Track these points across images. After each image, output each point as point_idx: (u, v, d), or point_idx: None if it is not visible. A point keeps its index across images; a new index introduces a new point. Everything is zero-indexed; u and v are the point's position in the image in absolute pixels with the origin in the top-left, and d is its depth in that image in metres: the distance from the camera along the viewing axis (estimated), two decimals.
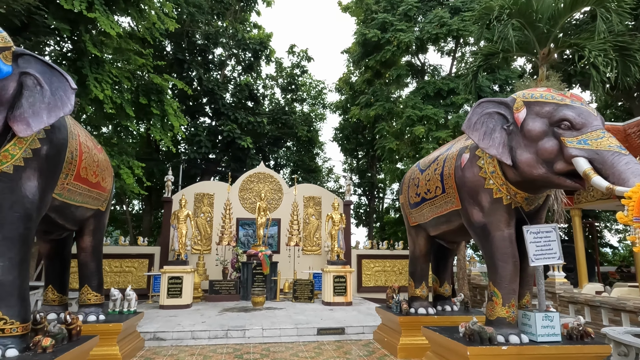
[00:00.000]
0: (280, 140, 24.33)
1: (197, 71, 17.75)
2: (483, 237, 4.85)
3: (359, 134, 24.39)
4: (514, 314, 4.60)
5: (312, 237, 16.04)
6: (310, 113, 27.61)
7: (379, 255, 16.34)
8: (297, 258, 14.23)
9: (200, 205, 15.49)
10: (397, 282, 16.26)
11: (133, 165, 10.67)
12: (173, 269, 10.75)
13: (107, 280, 14.29)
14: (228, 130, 17.73)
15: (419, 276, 6.87)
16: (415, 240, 6.87)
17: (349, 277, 11.55)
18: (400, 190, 7.29)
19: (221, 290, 12.34)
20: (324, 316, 9.25)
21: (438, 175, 5.65)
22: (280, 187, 16.24)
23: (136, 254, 14.69)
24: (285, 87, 25.65)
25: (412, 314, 6.61)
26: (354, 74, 21.63)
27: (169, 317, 8.99)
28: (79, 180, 4.82)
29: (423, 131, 12.32)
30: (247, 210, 15.73)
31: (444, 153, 5.77)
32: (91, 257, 5.93)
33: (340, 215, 12.21)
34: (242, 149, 18.68)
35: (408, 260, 16.10)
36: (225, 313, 9.66)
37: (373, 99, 15.02)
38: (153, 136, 12.40)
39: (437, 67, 16.13)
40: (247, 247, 14.77)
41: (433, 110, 12.68)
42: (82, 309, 5.86)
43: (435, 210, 5.88)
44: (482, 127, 4.68)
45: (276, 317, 9.00)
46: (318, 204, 16.39)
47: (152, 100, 10.78)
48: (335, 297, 11.28)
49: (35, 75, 3.94)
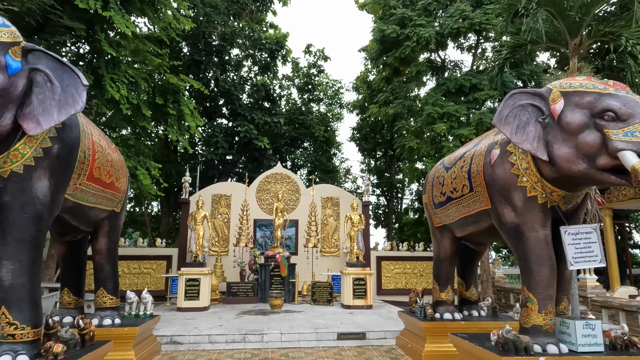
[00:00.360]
0: (297, 140, 24.18)
1: (213, 72, 17.73)
2: (516, 239, 4.54)
3: (377, 134, 24.04)
4: (551, 322, 4.27)
5: (331, 239, 15.80)
6: (327, 113, 27.38)
7: (399, 256, 15.99)
8: (315, 260, 14.02)
9: (218, 207, 15.43)
10: (419, 284, 15.88)
11: (150, 166, 10.64)
12: (190, 271, 10.66)
13: (125, 281, 14.36)
14: (245, 130, 17.65)
15: (444, 279, 6.55)
16: (439, 242, 6.56)
17: (368, 280, 11.27)
18: (424, 190, 6.99)
19: (239, 292, 12.21)
20: (344, 320, 9.00)
21: (465, 172, 5.35)
22: (297, 188, 16.06)
23: (154, 256, 14.72)
24: (302, 87, 25.48)
25: (437, 319, 6.30)
26: (372, 73, 21.32)
27: (186, 320, 8.88)
28: (92, 180, 4.70)
29: (444, 129, 11.94)
30: (265, 212, 15.60)
31: (471, 149, 5.45)
32: (106, 259, 5.83)
33: (359, 216, 11.94)
34: (259, 149, 18.58)
35: (430, 262, 15.68)
36: (243, 316, 9.50)
37: (392, 96, 14.68)
38: (170, 138, 12.38)
39: (458, 62, 15.67)
40: (264, 249, 14.62)
41: (454, 107, 12.28)
42: (98, 312, 5.76)
43: (462, 210, 5.57)
44: (515, 120, 4.36)
45: (295, 321, 8.79)
46: (336, 205, 16.15)
47: (169, 101, 10.74)
48: (355, 300, 11.02)
49: (46, 72, 3.82)
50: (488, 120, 11.58)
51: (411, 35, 13.38)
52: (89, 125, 4.76)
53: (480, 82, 12.59)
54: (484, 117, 11.73)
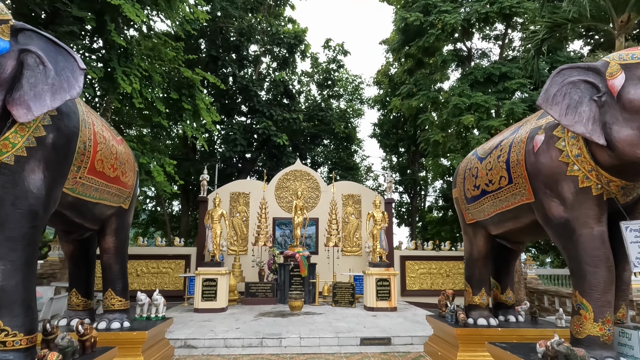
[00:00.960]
0: (317, 137, 23.78)
1: (231, 68, 17.47)
2: (565, 236, 3.98)
3: (399, 129, 23.42)
4: (609, 332, 3.71)
5: (352, 237, 15.32)
6: (347, 109, 26.88)
7: (423, 256, 15.38)
8: (336, 259, 13.58)
9: (236, 205, 15.16)
10: (445, 285, 15.24)
11: (164, 162, 10.40)
12: (207, 271, 10.38)
13: (144, 281, 14.26)
14: (263, 127, 17.34)
15: (478, 281, 5.99)
16: (472, 240, 6.00)
17: (392, 280, 10.75)
18: (454, 183, 6.44)
19: (257, 292, 11.88)
20: (367, 323, 8.52)
21: (503, 163, 4.80)
22: (317, 185, 15.64)
23: (172, 255, 14.57)
24: (321, 82, 25.06)
25: (470, 325, 5.76)
26: (393, 66, 20.71)
27: (202, 322, 8.58)
28: (94, 173, 4.39)
29: (472, 120, 11.29)
30: (284, 210, 15.24)
31: (509, 137, 4.90)
32: (115, 258, 5.53)
33: (382, 213, 11.42)
34: (278, 146, 18.25)
35: (456, 262, 15.01)
36: (261, 318, 9.14)
37: (415, 88, 14.08)
38: (187, 134, 12.16)
39: (486, 51, 14.89)
40: (284, 248, 14.27)
41: (483, 97, 11.60)
42: (106, 315, 5.47)
43: (499, 205, 5.02)
44: (565, 99, 3.81)
45: (315, 324, 8.37)
46: (357, 202, 15.66)
47: (184, 95, 10.48)
48: (379, 301, 10.52)
49: (38, 53, 3.50)
50: (520, 111, 10.88)
51: (436, 23, 12.74)
52: (90, 114, 4.45)
53: (511, 71, 11.85)
54: (515, 107, 11.01)
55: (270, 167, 18.66)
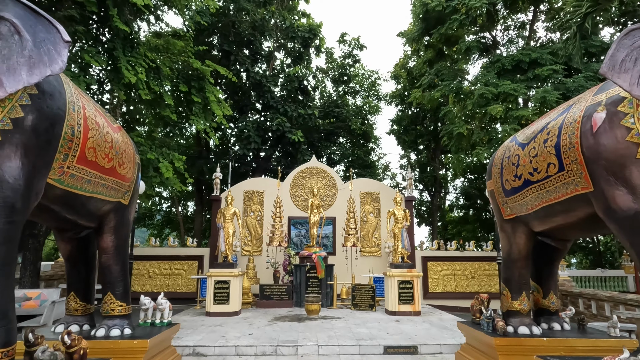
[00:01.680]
0: (333, 134, 23.22)
1: (244, 63, 17.04)
2: (634, 232, 3.34)
3: (419, 125, 22.70)
4: None
5: (371, 237, 14.72)
6: (364, 106, 26.26)
7: (447, 257, 14.69)
8: (354, 260, 12.99)
9: (250, 204, 14.73)
10: (469, 287, 14.53)
11: (174, 158, 10.00)
12: (219, 272, 9.93)
13: (156, 283, 13.95)
14: (277, 123, 16.87)
15: (517, 284, 5.34)
16: (511, 238, 5.35)
17: (416, 283, 10.12)
18: (488, 175, 5.80)
19: (272, 295, 11.40)
20: (390, 329, 7.92)
21: (551, 147, 4.17)
22: (334, 183, 15.09)
23: (185, 256, 14.23)
24: (337, 78, 24.50)
25: (510, 334, 5.11)
26: (412, 59, 20.00)
27: (213, 327, 8.12)
28: (85, 163, 3.92)
29: (501, 110, 10.57)
30: (299, 208, 14.74)
31: (558, 118, 4.26)
32: (114, 259, 5.07)
33: (403, 211, 10.80)
34: (293, 143, 17.76)
35: (482, 263, 14.21)
36: (276, 323, 8.63)
37: (437, 79, 13.39)
38: (198, 129, 11.74)
39: (513, 37, 14.04)
40: (299, 248, 13.77)
41: (511, 85, 10.86)
42: (105, 322, 5.01)
43: (547, 197, 4.38)
44: (636, 65, 3.18)
45: (334, 330, 7.82)
46: (376, 201, 15.05)
47: (193, 88, 10.06)
48: (401, 305, 9.90)
49: (12, 21, 3.04)
50: (553, 99, 10.12)
51: (459, 7, 12.05)
52: (80, 96, 3.98)
53: (542, 57, 11.07)
54: (548, 95, 10.24)
55: (285, 165, 18.19)
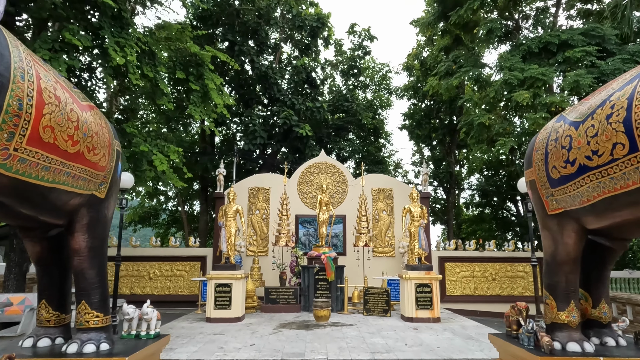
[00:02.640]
0: (343, 130, 22.45)
1: (249, 53, 16.31)
2: None
3: (433, 118, 21.79)
4: None
5: (384, 236, 13.94)
6: (374, 100, 25.42)
7: (466, 257, 13.86)
8: (367, 261, 12.23)
9: (255, 201, 14.04)
10: (490, 290, 13.68)
11: (169, 150, 9.31)
12: (220, 275, 9.24)
13: (157, 285, 13.33)
14: (284, 117, 16.14)
15: (564, 292, 4.53)
16: (557, 237, 4.54)
17: (435, 286, 9.32)
18: (527, 162, 4.98)
19: (278, 299, 10.69)
20: (409, 339, 7.15)
21: (618, 124, 3.35)
22: (344, 179, 14.33)
23: (187, 257, 13.59)
24: (347, 71, 23.68)
25: (558, 351, 4.31)
26: (425, 49, 19.12)
27: (212, 336, 7.42)
28: (40, 145, 3.21)
29: (528, 97, 9.70)
30: (307, 206, 14.01)
31: (625, 87, 3.45)
32: (89, 262, 4.35)
33: (420, 208, 10.00)
34: (300, 138, 17.02)
35: (504, 264, 13.27)
36: (281, 331, 7.91)
37: (455, 65, 12.53)
38: (199, 121, 11.06)
39: (540, 18, 13.02)
40: (308, 249, 13.05)
41: (539, 69, 9.98)
42: (79, 335, 4.30)
43: (610, 186, 3.57)
44: None
45: (345, 339, 7.06)
46: (389, 197, 14.26)
47: (191, 75, 9.36)
48: (419, 311, 9.11)
49: None
50: (587, 82, 9.22)
51: None
52: (35, 63, 3.27)
53: (572, 38, 10.16)
54: (580, 79, 9.35)
55: (293, 161, 17.48)
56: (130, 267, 13.39)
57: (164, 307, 13.29)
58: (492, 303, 13.49)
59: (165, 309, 13.06)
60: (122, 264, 13.40)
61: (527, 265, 13.87)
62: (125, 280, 13.29)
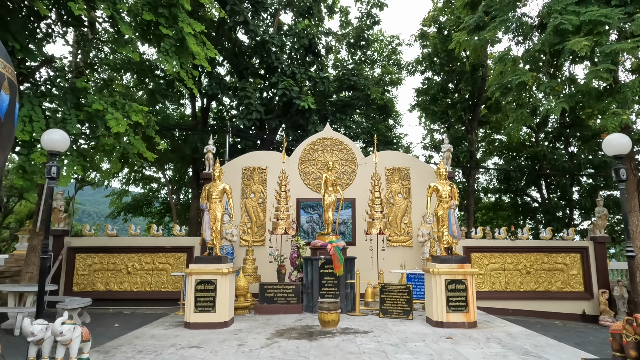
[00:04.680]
0: (349, 107, 20.60)
1: (242, 13, 14.37)
2: None
3: (450, 93, 19.87)
4: None
5: (399, 223, 12.22)
6: (383, 75, 23.49)
7: (495, 247, 12.17)
8: (381, 252, 10.51)
9: (250, 183, 12.32)
10: (524, 285, 12.03)
11: (129, 110, 7.50)
12: (202, 269, 7.55)
13: (136, 280, 11.73)
14: (283, 87, 14.31)
15: None
16: None
17: (470, 282, 7.60)
18: None
19: (276, 297, 9.03)
20: (447, 355, 5.45)
21: None
22: (353, 157, 12.57)
23: (171, 247, 11.94)
24: (353, 43, 21.70)
25: None
26: (444, 11, 17.15)
27: (187, 349, 5.75)
28: None
29: (586, 46, 7.86)
30: (310, 188, 12.29)
31: None
32: None
33: (449, 187, 8.23)
34: (302, 112, 15.21)
35: (540, 254, 11.41)
36: (278, 342, 6.22)
37: (487, 17, 10.65)
38: (167, 72, 9.26)
39: None
40: (311, 238, 11.38)
41: (600, 11, 8.11)
42: None
43: None
44: None
45: (362, 356, 5.36)
46: (405, 178, 12.50)
47: (161, 16, 7.56)
48: (450, 314, 7.41)
49: None
50: None
51: None
52: None
53: None
54: None
55: (294, 139, 15.69)
56: (105, 259, 11.77)
57: (144, 306, 11.73)
58: (526, 300, 11.81)
59: (145, 307, 11.47)
60: (96, 256, 11.80)
61: (567, 255, 12.14)
62: (100, 274, 11.67)
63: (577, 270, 12.09)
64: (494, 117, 19.18)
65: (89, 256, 11.73)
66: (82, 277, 11.63)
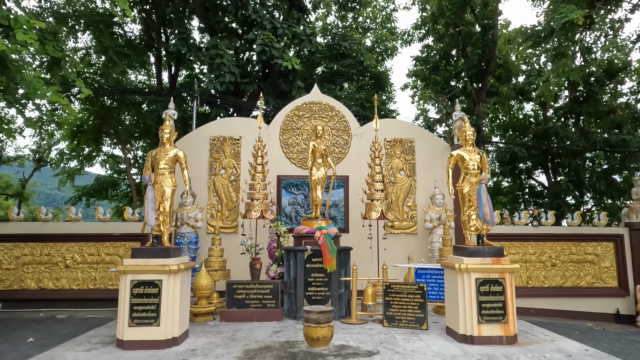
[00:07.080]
0: (339, 75, 18.54)
1: None
2: None
3: (454, 59, 17.95)
4: None
5: (401, 206, 10.36)
6: (378, 44, 21.45)
7: (515, 234, 10.39)
8: (382, 241, 8.64)
9: (220, 157, 10.27)
10: (549, 280, 10.32)
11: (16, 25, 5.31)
12: (140, 267, 5.54)
13: (76, 275, 9.70)
14: (262, 42, 12.16)
15: None
16: None
17: (509, 283, 5.77)
18: None
19: (248, 299, 7.10)
20: None
21: None
22: (346, 126, 10.60)
23: (121, 235, 9.85)
24: (344, 4, 19.52)
25: None
26: None
27: None
28: None
29: None
30: (295, 163, 10.31)
31: None
32: None
33: (479, 155, 6.35)
34: (285, 75, 13.10)
35: (568, 243, 9.51)
36: None
37: None
38: None
39: None
40: (295, 223, 9.45)
41: None
42: None
43: None
44: None
45: None
46: (409, 152, 10.62)
47: None
48: (483, 325, 5.58)
49: None
50: None
51: None
52: None
53: None
54: None
55: (275, 107, 13.60)
56: (37, 249, 9.63)
57: (86, 307, 9.66)
58: (551, 298, 10.12)
59: (87, 310, 9.40)
60: (26, 246, 9.67)
61: (599, 245, 10.47)
62: (31, 269, 9.55)
63: (610, 262, 10.44)
64: (504, 88, 17.39)
65: (17, 246, 9.58)
66: (8, 272, 9.50)
